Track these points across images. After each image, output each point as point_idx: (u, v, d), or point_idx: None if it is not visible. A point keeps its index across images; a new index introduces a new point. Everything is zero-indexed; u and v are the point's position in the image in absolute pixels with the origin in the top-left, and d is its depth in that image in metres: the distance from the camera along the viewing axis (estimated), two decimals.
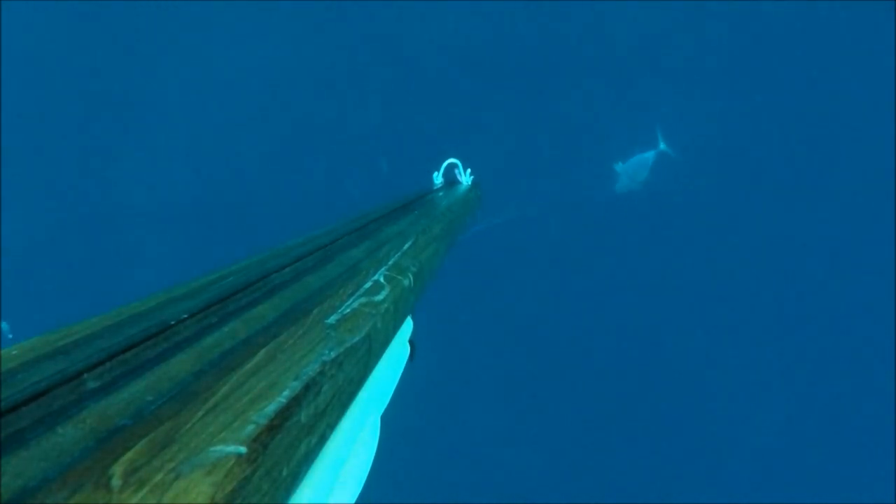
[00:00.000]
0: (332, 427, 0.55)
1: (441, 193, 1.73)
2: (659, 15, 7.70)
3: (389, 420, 0.80)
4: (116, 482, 0.31)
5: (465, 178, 1.99)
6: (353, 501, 0.63)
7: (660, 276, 7.72)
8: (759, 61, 7.74)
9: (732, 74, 7.80)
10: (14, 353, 0.43)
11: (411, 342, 0.97)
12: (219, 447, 0.37)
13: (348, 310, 0.66)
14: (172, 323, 0.52)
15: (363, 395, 0.67)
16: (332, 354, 0.55)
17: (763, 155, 7.69)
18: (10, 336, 6.15)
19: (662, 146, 6.65)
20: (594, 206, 7.30)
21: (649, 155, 6.65)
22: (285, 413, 0.44)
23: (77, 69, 7.69)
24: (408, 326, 0.95)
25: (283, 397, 0.45)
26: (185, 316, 0.54)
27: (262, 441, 0.40)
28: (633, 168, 6.66)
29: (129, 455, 0.34)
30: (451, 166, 1.98)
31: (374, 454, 0.71)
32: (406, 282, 0.83)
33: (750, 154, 7.76)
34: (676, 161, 6.74)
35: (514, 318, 7.45)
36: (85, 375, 0.41)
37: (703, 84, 7.83)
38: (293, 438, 0.44)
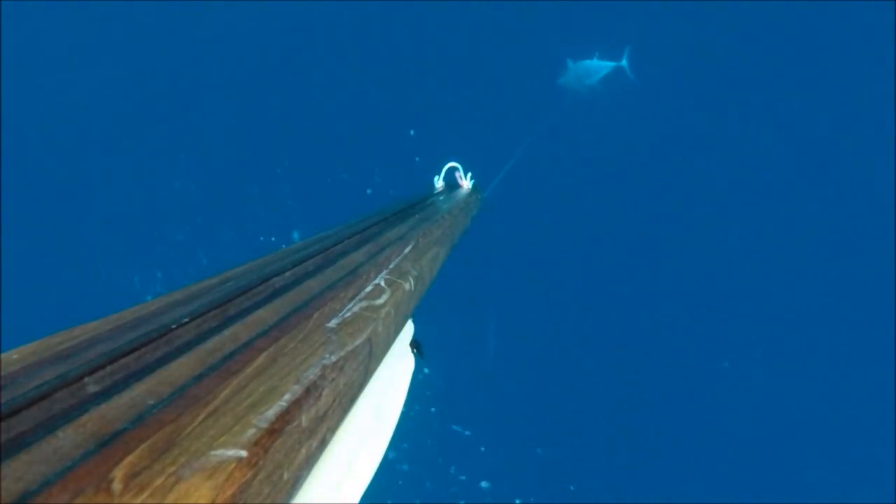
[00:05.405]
0: (333, 431, 0.55)
1: (441, 197, 1.73)
2: None
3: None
4: (117, 486, 0.31)
5: (467, 182, 1.99)
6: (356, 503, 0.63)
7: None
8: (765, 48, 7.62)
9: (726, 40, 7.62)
10: (15, 356, 0.43)
11: (417, 341, 0.97)
12: (219, 451, 0.37)
13: (349, 313, 0.66)
14: (173, 326, 0.52)
15: (364, 397, 0.67)
16: (333, 358, 0.55)
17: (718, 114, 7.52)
18: None
19: (624, 63, 6.52)
20: (531, 92, 7.15)
21: (606, 65, 6.54)
22: (286, 417, 0.44)
23: None
24: (409, 330, 0.95)
25: (283, 401, 0.45)
26: (186, 320, 0.54)
27: (263, 445, 0.40)
28: (585, 70, 6.54)
29: (130, 459, 0.34)
30: (452, 170, 1.97)
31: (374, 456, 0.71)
32: (407, 285, 0.83)
33: (701, 106, 7.58)
34: (632, 83, 6.60)
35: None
36: (86, 379, 0.41)
37: (695, 32, 7.62)
38: (294, 442, 0.44)
